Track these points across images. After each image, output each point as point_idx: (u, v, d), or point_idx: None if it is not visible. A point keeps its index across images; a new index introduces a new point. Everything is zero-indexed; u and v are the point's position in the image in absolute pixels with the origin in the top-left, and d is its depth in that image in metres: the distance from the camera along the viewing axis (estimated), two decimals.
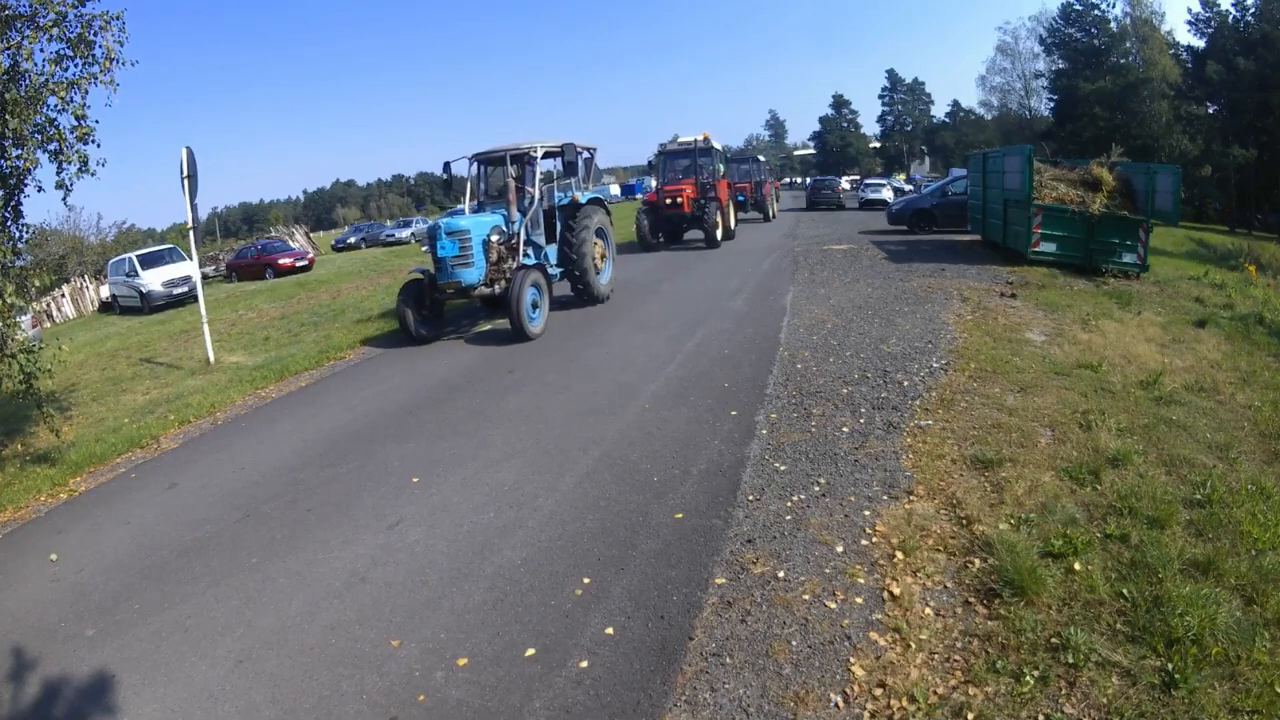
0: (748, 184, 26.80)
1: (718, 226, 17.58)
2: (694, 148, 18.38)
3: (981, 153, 16.86)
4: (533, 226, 10.05)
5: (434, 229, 9.25)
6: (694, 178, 18.06)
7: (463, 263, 8.99)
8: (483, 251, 9.21)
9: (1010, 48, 51.62)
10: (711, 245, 17.43)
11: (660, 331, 8.84)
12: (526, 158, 10.21)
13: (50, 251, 25.13)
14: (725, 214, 18.48)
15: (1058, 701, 2.58)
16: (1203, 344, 7.75)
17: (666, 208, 17.89)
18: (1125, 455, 4.45)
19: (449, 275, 9.00)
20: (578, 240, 10.28)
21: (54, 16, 5.40)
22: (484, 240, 9.24)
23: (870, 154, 77.88)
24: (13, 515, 5.31)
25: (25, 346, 5.87)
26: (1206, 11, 39.15)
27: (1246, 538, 3.52)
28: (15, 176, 5.58)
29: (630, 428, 5.62)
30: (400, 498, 4.76)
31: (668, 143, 19.03)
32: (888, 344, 7.47)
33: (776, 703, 2.72)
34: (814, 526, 3.93)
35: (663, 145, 19.01)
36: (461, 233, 9.03)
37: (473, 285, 9.12)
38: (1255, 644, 2.77)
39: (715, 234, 17.46)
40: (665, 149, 18.95)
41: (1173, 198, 12.29)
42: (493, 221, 9.54)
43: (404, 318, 9.23)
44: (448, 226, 9.10)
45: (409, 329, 9.23)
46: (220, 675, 3.16)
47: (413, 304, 9.28)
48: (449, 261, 8.95)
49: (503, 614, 3.39)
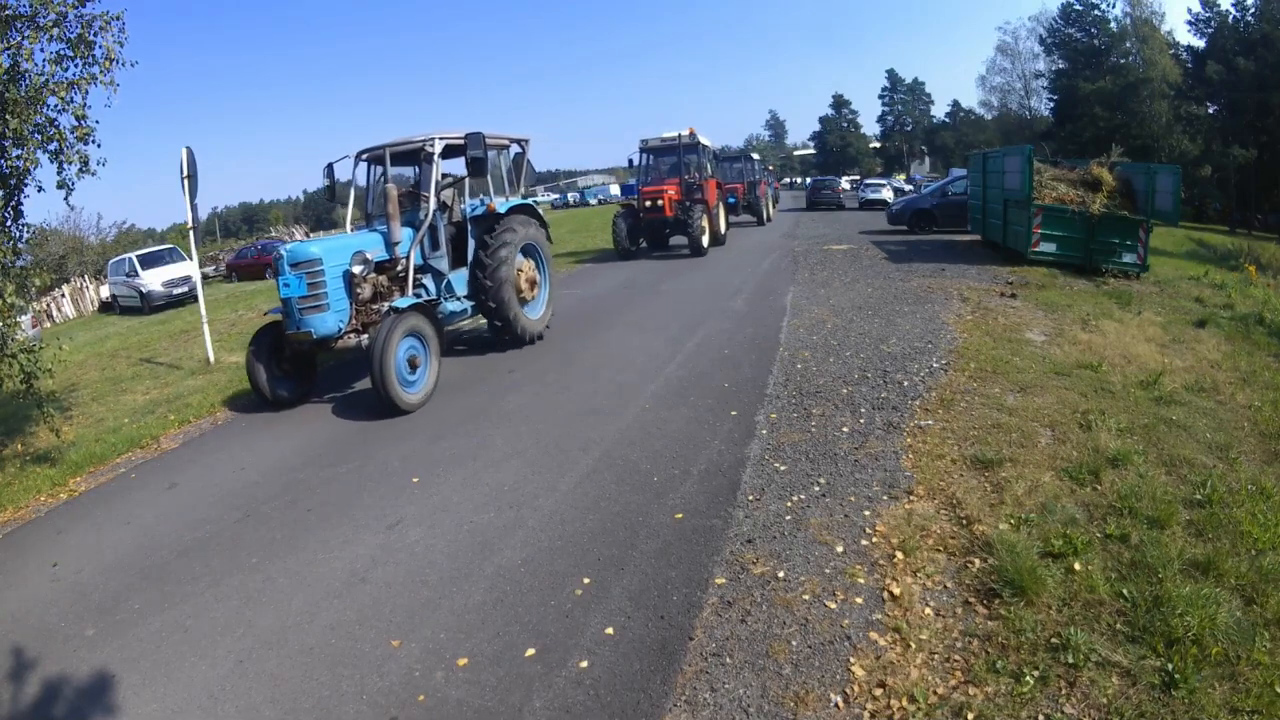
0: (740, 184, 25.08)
1: (704, 232, 15.88)
2: (678, 143, 16.43)
3: (981, 153, 16.87)
4: (430, 247, 7.74)
5: (277, 259, 6.71)
6: (678, 177, 16.33)
7: (313, 305, 6.53)
8: (344, 288, 6.82)
9: (1010, 48, 51.67)
10: (697, 253, 15.81)
11: (660, 332, 8.83)
12: (422, 154, 7.73)
13: (50, 251, 25.16)
14: (713, 217, 16.87)
15: (1058, 701, 2.58)
16: (1203, 344, 7.75)
17: (646, 211, 16.18)
18: (1125, 455, 4.45)
19: (297, 323, 6.56)
20: (493, 263, 7.85)
21: (54, 17, 5.39)
22: (344, 272, 6.83)
23: (870, 154, 77.93)
24: (13, 515, 5.31)
25: (25, 346, 5.87)
26: (1206, 11, 39.17)
27: (1246, 538, 3.52)
28: (15, 176, 5.58)
29: (630, 428, 5.62)
30: (400, 498, 4.76)
31: (650, 138, 16.94)
32: (888, 344, 7.47)
33: (776, 703, 2.72)
34: (814, 526, 3.93)
35: (644, 141, 16.95)
36: (308, 263, 6.56)
37: (329, 336, 6.67)
38: (1255, 644, 2.77)
39: (701, 240, 15.72)
40: (647, 145, 16.94)
41: (1173, 198, 12.29)
42: (359, 244, 7.11)
43: (254, 375, 6.86)
44: (291, 255, 6.60)
45: (261, 389, 6.88)
46: (220, 675, 3.15)
47: (266, 356, 6.89)
48: (295, 304, 6.51)
49: (503, 614, 3.39)
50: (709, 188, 16.74)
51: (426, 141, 7.63)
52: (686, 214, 15.84)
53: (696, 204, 16.08)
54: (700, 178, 16.59)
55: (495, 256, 7.88)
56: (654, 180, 16.85)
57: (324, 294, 6.61)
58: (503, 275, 7.90)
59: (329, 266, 6.66)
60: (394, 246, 7.34)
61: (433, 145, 7.59)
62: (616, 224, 16.53)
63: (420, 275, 7.65)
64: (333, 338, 6.74)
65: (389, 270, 7.39)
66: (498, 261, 7.87)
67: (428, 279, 7.79)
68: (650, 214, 16.21)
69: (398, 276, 7.41)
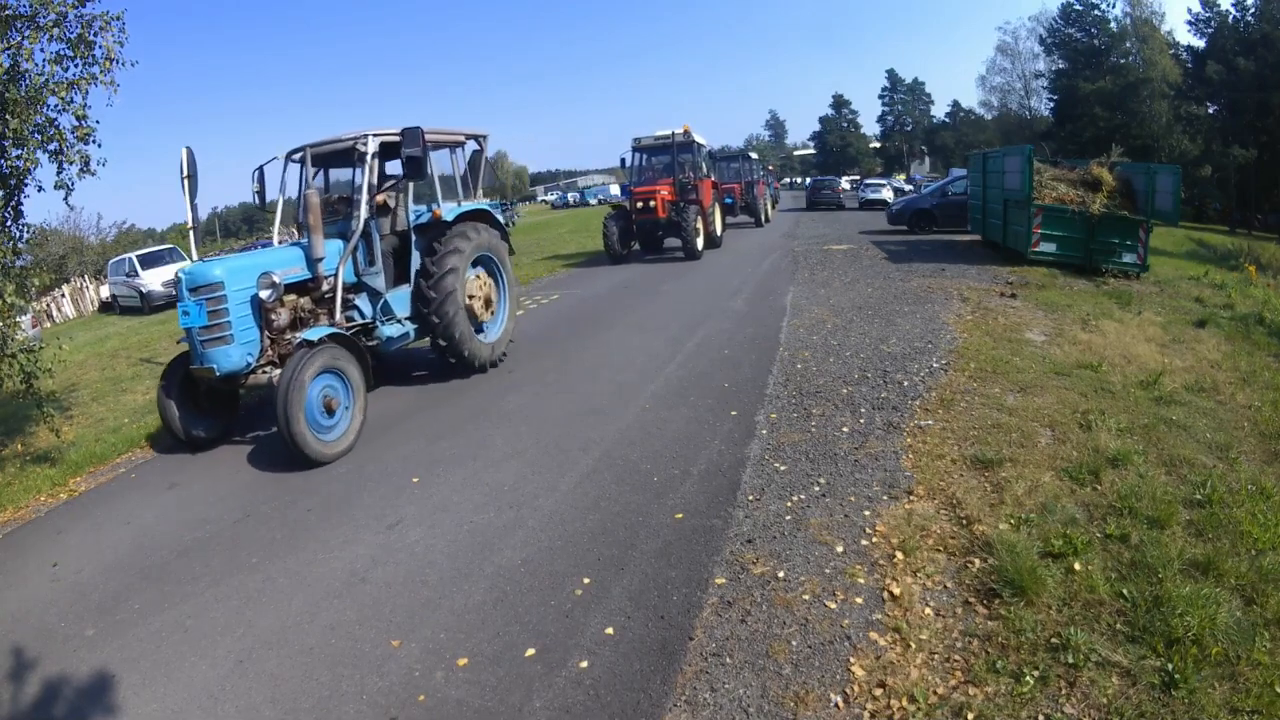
0: (737, 184, 24.46)
1: (698, 234, 15.31)
2: (672, 142, 15.65)
3: (981, 153, 16.88)
4: (365, 262, 6.74)
5: (177, 281, 5.77)
6: (671, 177, 15.59)
7: (215, 337, 5.57)
8: (253, 315, 5.81)
9: (1010, 48, 51.72)
10: (690, 256, 15.26)
11: (660, 332, 8.83)
12: (354, 154, 6.64)
13: (50, 251, 25.14)
14: (708, 219, 16.30)
15: (1058, 701, 2.58)
16: (1203, 344, 7.75)
17: (638, 212, 15.52)
18: (1125, 455, 4.45)
19: (199, 357, 5.65)
20: (437, 271, 6.83)
21: (54, 17, 5.39)
22: (252, 297, 5.78)
23: (870, 154, 78.00)
24: (13, 515, 5.31)
25: (25, 346, 5.87)
26: (1206, 11, 39.17)
27: (1246, 538, 3.52)
28: (15, 176, 5.58)
29: (630, 427, 5.62)
30: (400, 498, 4.76)
31: (643, 137, 16.24)
32: (888, 344, 7.47)
33: (776, 703, 2.72)
34: (814, 526, 3.93)
35: (637, 140, 16.29)
36: (208, 287, 5.57)
37: (236, 372, 5.73)
38: (1255, 644, 2.77)
39: (695, 243, 15.19)
40: (640, 144, 16.28)
41: (1173, 198, 12.29)
42: (267, 263, 6.00)
43: (165, 413, 5.94)
44: (189, 278, 5.62)
45: (173, 428, 5.97)
46: (220, 675, 3.15)
47: (179, 391, 5.93)
48: (195, 335, 5.59)
49: (503, 614, 3.39)
50: (704, 188, 16.21)
51: (359, 140, 6.59)
52: (680, 215, 15.18)
53: (690, 205, 15.43)
54: (695, 177, 15.98)
55: (440, 266, 6.86)
56: (647, 180, 16.22)
57: (227, 323, 5.61)
58: (447, 288, 6.83)
59: (233, 291, 5.65)
60: (317, 263, 6.26)
61: (365, 144, 6.53)
62: (607, 226, 15.93)
63: (353, 295, 6.68)
64: (241, 374, 5.77)
65: (313, 291, 6.36)
66: (443, 272, 6.84)
67: (362, 299, 6.75)
68: (642, 215, 15.54)
69: (324, 298, 6.39)
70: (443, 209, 7.09)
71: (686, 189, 15.55)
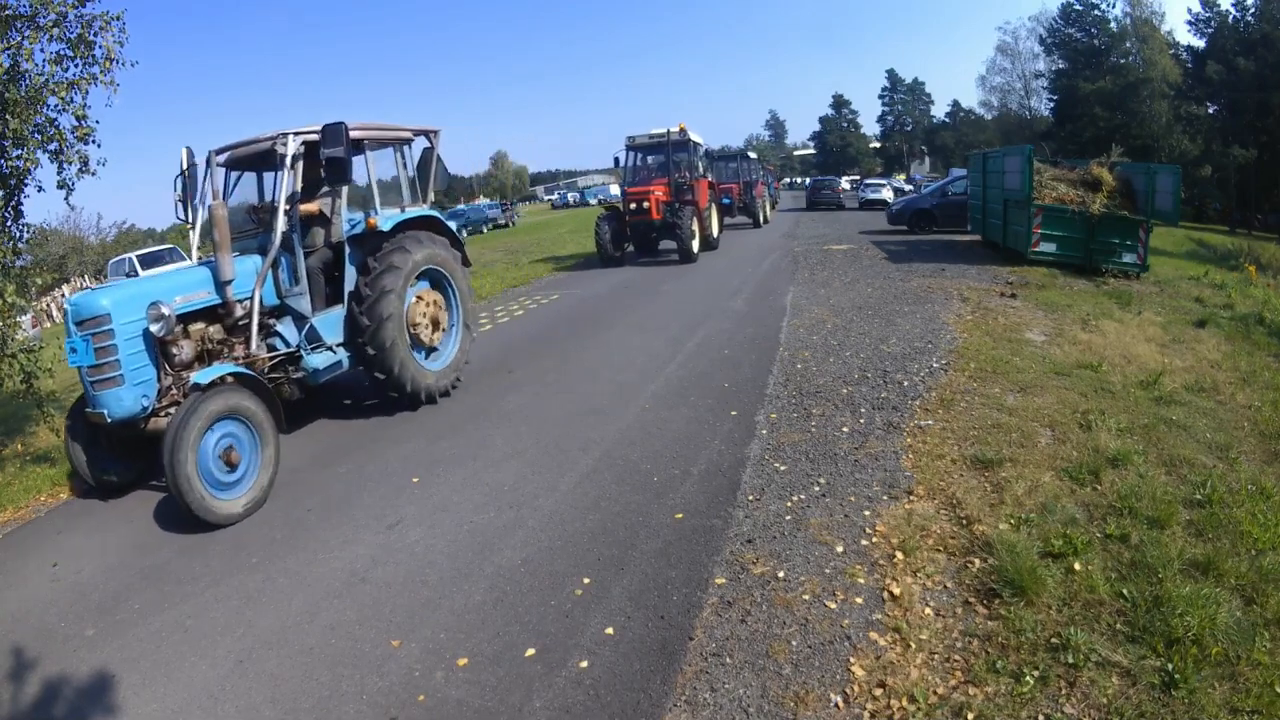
0: (735, 184, 23.88)
1: (694, 236, 14.75)
2: (667, 141, 15.18)
3: (981, 153, 16.88)
4: (288, 282, 5.85)
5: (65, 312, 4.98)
6: (666, 177, 15.10)
7: (104, 378, 4.78)
8: (148, 351, 4.95)
9: (1010, 48, 51.75)
10: (685, 259, 14.77)
11: (660, 332, 8.83)
12: (273, 156, 5.78)
13: (50, 251, 25.18)
14: (704, 220, 15.80)
15: (1058, 701, 2.58)
16: (1203, 344, 7.75)
17: (631, 213, 15.00)
18: (1125, 455, 4.45)
19: (91, 400, 4.87)
20: (372, 293, 5.91)
21: (54, 17, 5.40)
22: (145, 331, 4.91)
23: (870, 154, 78.07)
24: (13, 515, 5.31)
25: (25, 346, 5.89)
26: (1206, 11, 39.16)
27: (1246, 538, 3.52)
28: (15, 176, 5.60)
29: (630, 428, 5.62)
30: (400, 497, 4.76)
31: (637, 135, 15.64)
32: (888, 344, 7.47)
33: (776, 703, 2.72)
34: (814, 526, 3.93)
35: (631, 138, 15.68)
36: (94, 320, 4.75)
37: (130, 418, 4.87)
38: (1255, 644, 2.77)
39: (690, 245, 14.65)
40: (634, 143, 15.67)
41: (1173, 198, 12.30)
42: (162, 290, 5.11)
43: (71, 455, 5.18)
44: (74, 311, 4.81)
45: (81, 472, 5.22)
46: (220, 675, 3.15)
47: (86, 432, 5.12)
48: (84, 375, 4.84)
49: (503, 614, 3.39)
50: (700, 188, 15.67)
51: (277, 139, 5.74)
52: (675, 216, 14.63)
53: (686, 205, 14.86)
54: (691, 177, 15.45)
55: (376, 286, 5.94)
56: (641, 180, 15.67)
57: (116, 362, 4.76)
58: (383, 313, 5.90)
59: (121, 325, 4.79)
60: (226, 286, 5.39)
61: (284, 145, 5.68)
62: (599, 228, 15.40)
63: (275, 320, 5.85)
64: (138, 419, 4.91)
65: (225, 318, 5.49)
66: (379, 292, 5.92)
67: (286, 324, 5.89)
68: (636, 216, 14.95)
69: (238, 325, 5.53)
70: (380, 217, 6.21)
71: (682, 189, 15.07)
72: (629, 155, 15.93)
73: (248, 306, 5.52)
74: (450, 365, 6.88)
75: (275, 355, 5.71)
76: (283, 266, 5.85)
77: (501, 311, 11.53)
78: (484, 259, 20.67)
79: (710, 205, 16.61)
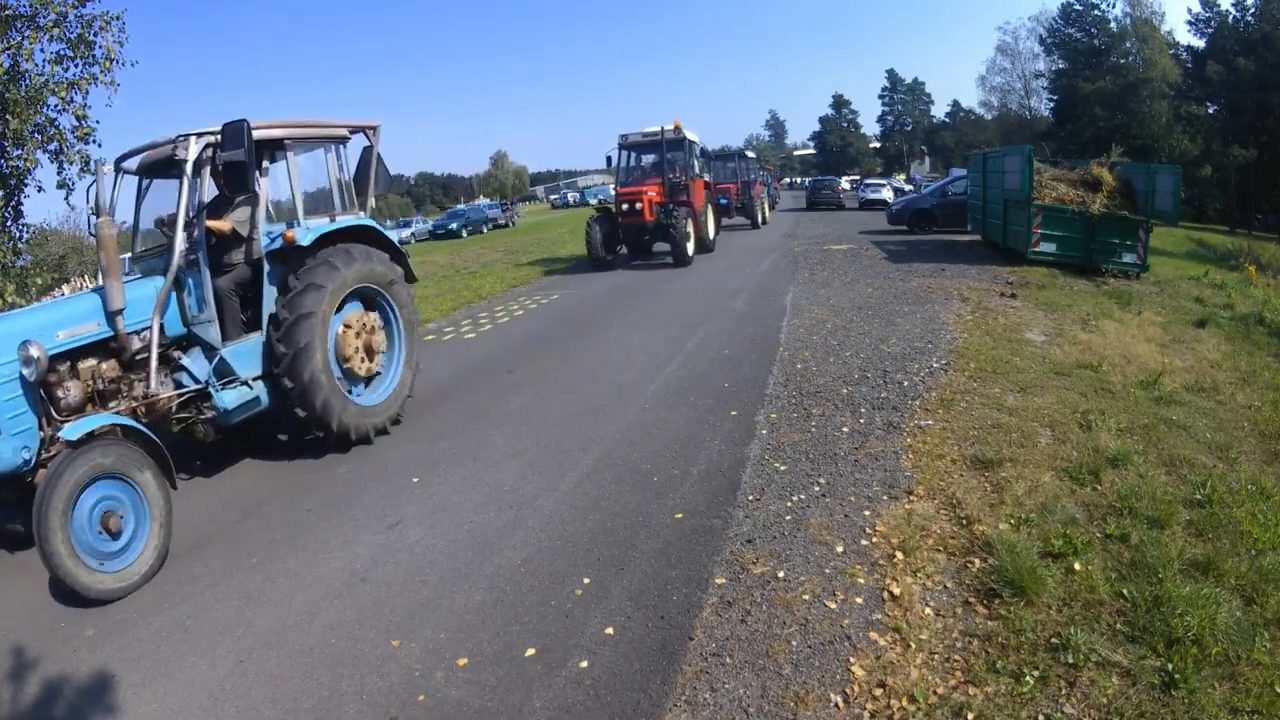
0: (733, 184, 23.27)
1: (689, 238, 14.20)
2: (661, 139, 14.48)
3: (981, 153, 16.90)
4: (195, 308, 5.04)
5: None
6: (660, 177, 14.45)
7: None
8: (25, 397, 4.12)
9: (1010, 48, 51.83)
10: (680, 262, 14.25)
11: (660, 332, 8.84)
12: (171, 162, 5.04)
13: (50, 251, 25.12)
14: (700, 222, 15.19)
15: (1058, 701, 2.58)
16: (1203, 344, 7.76)
17: (624, 215, 14.41)
18: (1125, 455, 4.45)
19: None
20: (289, 316, 5.11)
21: (54, 17, 5.42)
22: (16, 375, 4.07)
23: (870, 154, 78.10)
24: None
25: None
26: (1206, 11, 39.21)
27: (1246, 538, 3.52)
28: (15, 176, 5.61)
29: (630, 427, 5.62)
30: (400, 498, 4.75)
31: (630, 134, 15.00)
32: (888, 344, 7.47)
33: (776, 703, 2.72)
34: (814, 526, 3.93)
35: (624, 137, 15.01)
36: None
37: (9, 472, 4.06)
38: (1255, 644, 2.77)
39: (685, 248, 14.14)
40: (627, 141, 15.03)
41: (1173, 198, 12.31)
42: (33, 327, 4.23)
43: None
44: None
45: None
46: (220, 675, 3.15)
47: None
48: None
49: (503, 614, 3.39)
50: (695, 188, 15.05)
51: (177, 144, 4.99)
52: (669, 218, 14.06)
53: (681, 206, 14.30)
54: (686, 177, 14.86)
55: (294, 308, 5.11)
56: (634, 180, 15.02)
57: None
58: (302, 337, 5.08)
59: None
60: (116, 316, 4.58)
61: (184, 150, 4.92)
62: (590, 229, 14.74)
63: (181, 352, 5.05)
64: (20, 474, 4.12)
65: (119, 353, 4.69)
66: (296, 314, 5.09)
67: (194, 356, 5.06)
68: (628, 218, 14.34)
69: (136, 361, 4.75)
70: (300, 230, 5.36)
71: (676, 189, 14.46)
72: (622, 154, 15.28)
73: (146, 338, 4.74)
74: (390, 398, 5.95)
75: (182, 393, 4.90)
76: (189, 290, 5.03)
77: (501, 311, 11.53)
78: (484, 259, 20.72)
79: (706, 206, 16.10)
